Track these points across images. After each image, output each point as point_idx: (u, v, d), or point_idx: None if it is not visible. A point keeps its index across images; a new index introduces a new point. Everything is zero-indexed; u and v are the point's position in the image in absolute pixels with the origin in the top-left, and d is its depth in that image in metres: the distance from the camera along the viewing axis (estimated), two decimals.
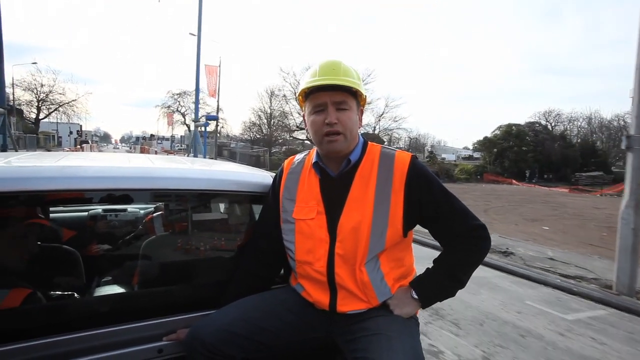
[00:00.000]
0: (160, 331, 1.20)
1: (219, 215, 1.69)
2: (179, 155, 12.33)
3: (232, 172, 1.55)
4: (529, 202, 14.47)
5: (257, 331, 1.16)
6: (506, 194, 17.67)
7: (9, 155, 1.50)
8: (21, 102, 38.72)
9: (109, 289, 1.49)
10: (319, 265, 1.17)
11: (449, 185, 18.43)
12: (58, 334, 1.06)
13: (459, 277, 1.19)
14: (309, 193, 1.22)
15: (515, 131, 32.16)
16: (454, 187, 19.24)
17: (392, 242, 1.16)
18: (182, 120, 51.69)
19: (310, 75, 1.17)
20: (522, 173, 30.73)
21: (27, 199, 1.22)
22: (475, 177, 28.74)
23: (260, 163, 26.79)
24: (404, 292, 1.20)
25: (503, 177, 28.97)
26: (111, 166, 1.32)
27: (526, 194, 18.81)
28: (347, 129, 1.15)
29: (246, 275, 1.29)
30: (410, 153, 1.22)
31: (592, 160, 32.41)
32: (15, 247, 1.36)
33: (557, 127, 38.20)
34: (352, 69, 1.18)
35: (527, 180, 29.92)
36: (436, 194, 1.17)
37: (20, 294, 1.20)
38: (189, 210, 1.56)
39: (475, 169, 31.04)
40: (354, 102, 1.17)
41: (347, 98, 1.15)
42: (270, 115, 39.39)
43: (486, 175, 29.33)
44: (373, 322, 1.14)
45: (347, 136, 1.15)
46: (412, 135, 39.28)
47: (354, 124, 1.17)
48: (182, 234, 1.59)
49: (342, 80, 1.12)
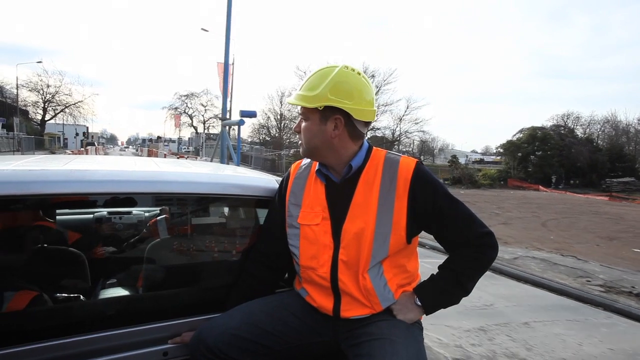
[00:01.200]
0: (165, 334, 1.23)
1: (223, 219, 1.72)
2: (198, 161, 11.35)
3: (236, 176, 1.57)
4: (579, 213, 13.37)
5: (262, 335, 1.20)
6: (544, 203, 16.77)
7: (18, 158, 1.55)
8: (27, 103, 38.24)
9: (114, 292, 1.53)
10: (323, 271, 1.21)
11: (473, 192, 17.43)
12: (64, 336, 1.10)
13: (464, 284, 1.22)
14: (315, 198, 1.26)
15: (541, 134, 30.80)
16: (482, 195, 18.79)
17: (395, 249, 1.19)
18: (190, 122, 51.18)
19: None
20: (547, 178, 29.46)
21: (35, 202, 1.27)
22: (498, 182, 27.38)
23: (276, 167, 25.67)
24: (408, 298, 1.23)
25: (527, 182, 27.62)
26: (117, 170, 1.37)
27: (564, 202, 17.84)
28: (304, 139, 1.23)
29: (251, 279, 1.34)
30: (415, 159, 1.25)
31: (618, 165, 31.19)
32: (22, 250, 1.45)
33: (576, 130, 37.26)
34: (324, 80, 1.18)
35: (554, 186, 28.66)
36: (441, 200, 1.19)
37: (26, 296, 1.23)
38: (193, 213, 1.61)
39: (499, 174, 29.66)
40: (314, 114, 1.19)
41: (306, 110, 1.20)
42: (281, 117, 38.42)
43: (510, 181, 28.38)
44: (377, 327, 1.18)
45: (305, 145, 1.23)
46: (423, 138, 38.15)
47: (311, 135, 1.20)
48: (187, 237, 1.63)
49: (297, 97, 1.20)
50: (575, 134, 34.79)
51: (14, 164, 1.27)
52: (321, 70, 1.21)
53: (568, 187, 28.58)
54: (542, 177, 29.32)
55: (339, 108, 1.16)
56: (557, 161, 29.95)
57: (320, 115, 1.19)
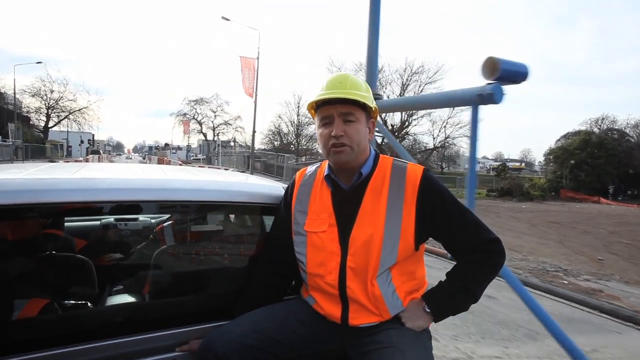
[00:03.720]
0: (173, 342, 1.32)
1: (230, 226, 1.83)
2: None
3: (242, 183, 1.70)
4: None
5: (270, 343, 1.30)
6: (630, 221, 15.44)
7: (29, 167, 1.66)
8: (30, 110, 39.51)
9: (121, 299, 1.63)
10: (331, 279, 1.31)
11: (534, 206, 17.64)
12: (72, 344, 1.19)
13: (473, 291, 1.31)
14: (321, 205, 1.36)
15: (596, 139, 29.71)
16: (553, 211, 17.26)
17: (403, 256, 1.29)
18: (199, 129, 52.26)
19: (320, 89, 1.33)
20: (603, 188, 28.25)
21: (46, 210, 1.37)
22: (549, 193, 26.40)
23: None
24: (416, 306, 1.32)
25: (581, 193, 26.63)
26: (126, 178, 1.50)
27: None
28: (353, 141, 1.28)
29: (258, 286, 1.45)
30: (422, 166, 1.35)
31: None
32: (32, 257, 1.58)
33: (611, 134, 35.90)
34: (361, 82, 1.33)
35: (611, 197, 27.47)
36: (448, 207, 1.29)
37: (38, 304, 1.33)
38: (200, 220, 1.74)
39: (549, 184, 28.64)
40: (362, 115, 1.30)
41: (354, 110, 1.28)
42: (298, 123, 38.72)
43: (563, 192, 27.20)
44: (385, 335, 1.26)
45: (353, 148, 1.29)
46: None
47: (361, 136, 1.30)
48: (194, 244, 1.75)
49: (348, 93, 1.27)
50: (628, 139, 33.78)
51: (24, 172, 1.39)
52: (347, 74, 1.35)
53: (626, 198, 27.40)
54: (599, 186, 28.27)
55: (368, 110, 1.33)
56: (614, 169, 28.85)
57: (366, 117, 1.32)
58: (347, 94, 1.26)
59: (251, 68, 21.17)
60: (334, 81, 1.31)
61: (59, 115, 39.80)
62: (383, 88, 31.59)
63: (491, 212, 15.94)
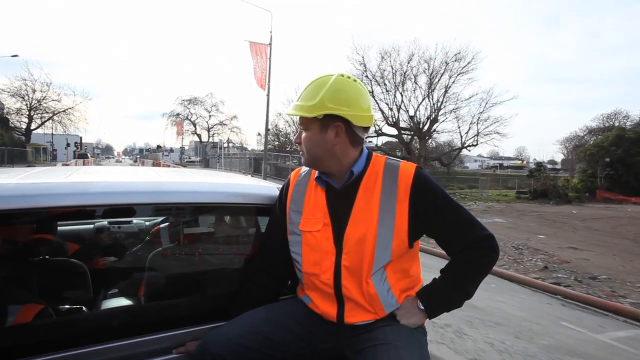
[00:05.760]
0: (170, 344, 1.44)
1: (225, 227, 1.97)
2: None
3: (237, 184, 1.82)
4: None
5: (267, 343, 1.43)
6: None
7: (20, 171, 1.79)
8: (10, 111, 39.36)
9: (116, 302, 1.76)
10: (326, 277, 1.44)
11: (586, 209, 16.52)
12: (66, 349, 1.28)
13: (466, 287, 1.44)
14: (316, 205, 1.50)
15: (633, 135, 29.39)
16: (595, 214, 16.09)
17: (398, 254, 1.41)
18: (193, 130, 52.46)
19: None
20: None
21: (39, 215, 1.50)
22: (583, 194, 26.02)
23: None
24: (411, 303, 1.46)
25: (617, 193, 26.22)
26: (119, 181, 1.60)
27: None
28: (305, 148, 1.46)
29: (254, 287, 1.58)
30: (414, 164, 1.48)
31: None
32: (25, 262, 1.69)
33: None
34: (322, 89, 1.40)
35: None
36: (441, 204, 1.42)
37: (32, 309, 1.43)
38: (195, 222, 1.88)
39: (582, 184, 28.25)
40: (313, 123, 1.42)
41: (305, 121, 1.44)
42: None
43: (599, 193, 26.80)
44: (381, 332, 1.40)
45: (307, 155, 1.46)
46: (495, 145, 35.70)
47: (312, 144, 1.43)
48: (189, 246, 1.86)
49: (294, 107, 1.44)
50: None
51: (17, 177, 1.50)
52: (317, 80, 1.45)
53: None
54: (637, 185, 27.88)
55: (339, 116, 1.40)
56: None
57: (320, 124, 1.42)
58: (292, 109, 1.43)
59: (262, 55, 19.59)
60: (301, 91, 1.46)
61: (42, 117, 39.73)
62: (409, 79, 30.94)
63: (551, 220, 14.66)
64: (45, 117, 39.92)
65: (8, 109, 38.19)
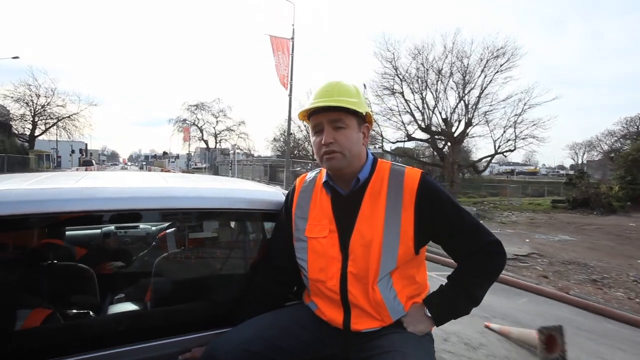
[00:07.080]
0: (176, 350, 1.48)
1: (231, 233, 2.04)
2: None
3: (243, 190, 1.88)
4: None
5: (273, 349, 1.46)
6: None
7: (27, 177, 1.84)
8: (14, 117, 40.02)
9: (122, 307, 1.83)
10: (332, 284, 1.47)
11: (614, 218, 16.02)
12: (73, 354, 1.33)
13: (474, 295, 1.47)
14: (321, 211, 1.53)
15: None
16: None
17: (403, 260, 1.45)
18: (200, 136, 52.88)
19: (312, 98, 1.49)
20: None
21: (46, 220, 1.56)
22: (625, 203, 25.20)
23: None
24: (418, 310, 1.49)
25: None
26: (127, 187, 1.65)
27: None
28: (344, 147, 1.44)
29: (260, 293, 1.62)
30: (420, 169, 1.50)
31: None
32: (33, 267, 1.77)
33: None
34: (351, 88, 1.48)
35: None
36: (447, 210, 1.45)
37: (41, 314, 1.50)
38: (201, 228, 1.95)
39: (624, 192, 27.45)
40: (352, 120, 1.46)
41: (343, 117, 1.44)
42: None
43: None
44: (387, 340, 1.42)
45: (345, 154, 1.45)
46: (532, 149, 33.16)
47: (352, 143, 1.46)
48: (196, 251, 1.94)
49: (335, 100, 1.43)
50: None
51: (27, 182, 1.55)
52: (337, 81, 1.50)
53: None
54: None
55: (363, 117, 1.48)
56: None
57: (357, 122, 1.47)
58: (333, 101, 1.42)
59: (285, 50, 18.19)
60: (323, 90, 1.47)
61: (46, 123, 40.01)
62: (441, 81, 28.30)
63: (623, 236, 13.23)
64: (49, 123, 39.88)
65: (12, 115, 38.83)
